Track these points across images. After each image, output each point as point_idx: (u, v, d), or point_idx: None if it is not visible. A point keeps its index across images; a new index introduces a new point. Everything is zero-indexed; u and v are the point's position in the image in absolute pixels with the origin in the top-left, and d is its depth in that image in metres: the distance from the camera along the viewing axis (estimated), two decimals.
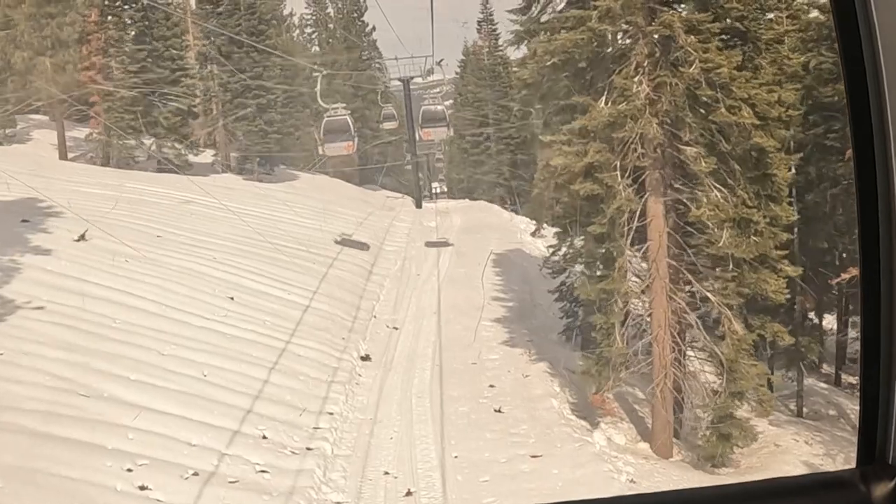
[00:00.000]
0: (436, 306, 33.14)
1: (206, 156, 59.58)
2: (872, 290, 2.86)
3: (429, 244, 44.75)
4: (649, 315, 24.41)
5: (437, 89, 55.23)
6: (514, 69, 67.20)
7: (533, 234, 36.78)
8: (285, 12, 68.03)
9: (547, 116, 26.56)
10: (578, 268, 32.49)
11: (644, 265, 24.97)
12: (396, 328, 31.92)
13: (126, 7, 51.80)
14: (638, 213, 23.13)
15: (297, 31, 70.10)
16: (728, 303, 23.16)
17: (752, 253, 22.70)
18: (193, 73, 54.78)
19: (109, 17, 51.00)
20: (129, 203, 36.76)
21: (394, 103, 59.39)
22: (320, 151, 39.45)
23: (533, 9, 29.28)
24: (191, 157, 53.70)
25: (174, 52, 52.27)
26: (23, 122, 58.06)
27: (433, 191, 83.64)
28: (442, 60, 56.63)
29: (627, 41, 23.05)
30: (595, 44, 23.32)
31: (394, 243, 42.81)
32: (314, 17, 67.68)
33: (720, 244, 22.37)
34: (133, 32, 51.57)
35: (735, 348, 23.07)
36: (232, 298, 29.28)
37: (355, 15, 66.79)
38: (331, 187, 55.50)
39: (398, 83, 60.86)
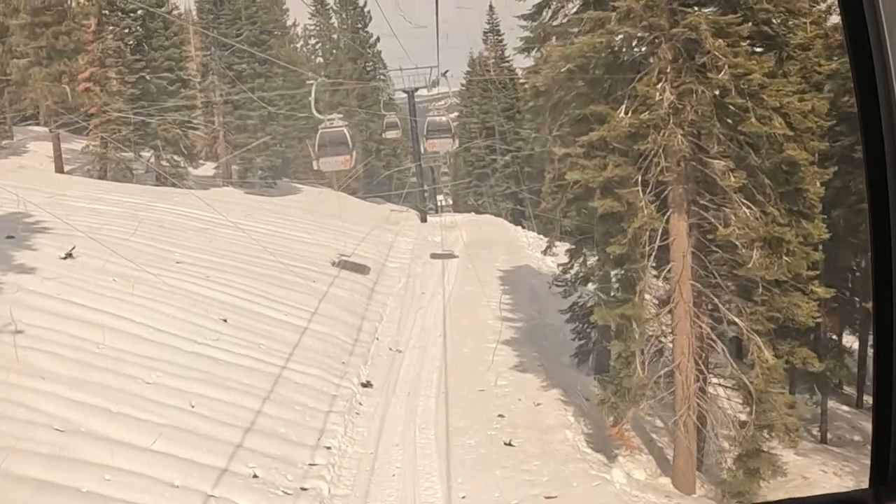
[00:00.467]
0: (441, 327, 31.15)
1: (207, 168, 57.78)
2: (886, 311, 2.68)
3: (434, 256, 43.66)
4: (671, 341, 22.34)
5: (443, 102, 53.43)
6: (522, 80, 65.62)
7: (544, 252, 34.78)
8: (288, 23, 66.39)
9: (560, 127, 24.44)
10: (591, 286, 30.64)
11: (665, 286, 22.87)
12: (400, 351, 29.95)
13: (124, 16, 49.85)
14: (660, 231, 21.08)
15: (301, 42, 68.30)
16: (757, 329, 21.12)
17: (783, 275, 20.61)
18: (193, 85, 52.92)
19: (107, 27, 49.05)
20: (120, 218, 34.86)
21: (397, 112, 57.37)
22: (315, 167, 35.96)
23: (544, 14, 27.39)
24: (190, 170, 51.87)
25: (173, 62, 50.28)
26: (21, 134, 56.31)
27: (438, 203, 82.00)
28: (447, 72, 54.97)
29: (649, 45, 20.94)
30: (614, 48, 21.34)
31: (398, 259, 40.86)
32: (318, 28, 65.85)
33: (750, 266, 20.31)
34: (131, 42, 49.61)
35: (765, 378, 21.02)
36: (225, 321, 27.32)
37: (359, 25, 64.93)
38: (334, 201, 53.50)
39: (403, 95, 58.90)
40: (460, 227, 52.74)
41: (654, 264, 21.97)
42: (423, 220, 54.85)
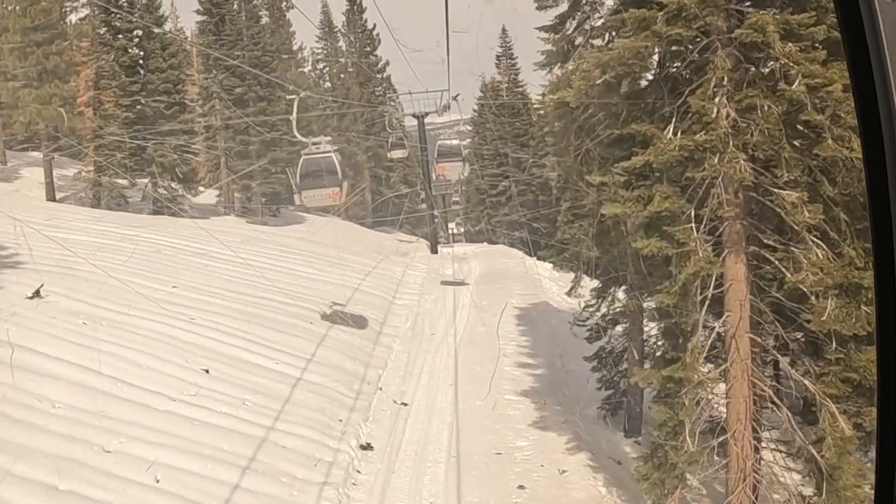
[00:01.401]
0: (452, 374, 27.25)
1: (209, 196, 54.09)
2: (890, 335, 2.60)
3: (445, 283, 41.13)
4: (725, 405, 18.35)
5: (454, 128, 49.86)
6: (536, 105, 61.99)
7: (569, 293, 30.77)
8: (295, 47, 62.86)
9: (588, 151, 20.48)
10: (620, 328, 26.81)
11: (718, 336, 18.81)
12: (405, 404, 25.93)
13: (119, 36, 46.29)
14: (714, 276, 17.09)
15: (309, 67, 64.73)
16: (830, 392, 17.09)
17: (861, 329, 16.55)
18: (192, 108, 49.33)
19: (100, 47, 45.49)
20: (104, 251, 31.06)
21: (403, 130, 53.54)
22: (296, 201, 30.07)
23: (567, 25, 23.61)
24: (189, 198, 48.24)
25: (170, 85, 46.69)
26: (16, 159, 52.95)
27: (450, 231, 78.54)
28: (458, 95, 51.45)
29: (703, 51, 16.94)
30: (661, 54, 17.42)
31: (406, 295, 36.98)
32: (325, 52, 62.27)
33: (823, 318, 16.27)
34: (126, 63, 46.02)
35: (838, 451, 17.00)
36: (207, 371, 23.43)
37: (368, 49, 61.35)
38: (340, 231, 49.72)
39: (413, 121, 55.28)
40: (472, 258, 48.98)
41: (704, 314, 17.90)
42: (434, 250, 51.01)
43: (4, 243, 29.10)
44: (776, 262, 16.97)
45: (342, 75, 60.75)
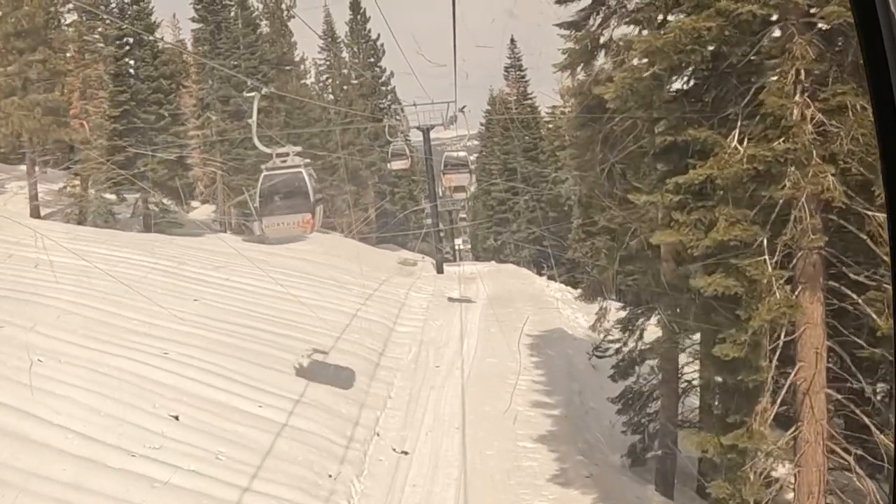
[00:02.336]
0: (459, 417, 23.56)
1: (205, 211, 50.49)
2: None
3: (451, 299, 38.84)
4: (795, 474, 14.64)
5: (461, 143, 46.38)
6: (547, 114, 58.59)
7: (594, 328, 27.02)
8: (297, 58, 59.32)
9: (628, 161, 16.85)
10: (651, 363, 23.19)
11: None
12: (406, 452, 22.21)
13: (107, 45, 42.77)
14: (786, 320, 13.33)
15: (312, 78, 61.09)
16: None
17: None
18: (185, 120, 45.78)
19: (87, 56, 41.99)
20: (77, 273, 27.49)
21: (405, 140, 49.77)
22: (256, 230, 23.02)
23: (591, 21, 19.99)
24: (182, 214, 44.66)
25: (161, 95, 43.15)
26: (3, 173, 49.47)
27: (456, 247, 74.88)
28: (465, 107, 47.69)
29: (777, 38, 13.23)
30: (724, 40, 13.61)
31: (408, 321, 33.26)
32: (328, 63, 58.71)
33: None
34: (114, 72, 42.50)
35: None
36: (177, 418, 19.78)
37: (372, 60, 57.77)
38: (341, 249, 46.12)
39: (420, 135, 51.63)
40: (480, 278, 45.27)
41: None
42: (440, 270, 47.30)
43: None
44: (862, 303, 13.23)
45: (345, 87, 57.21)
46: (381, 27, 60.03)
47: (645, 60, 13.81)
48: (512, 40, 59.06)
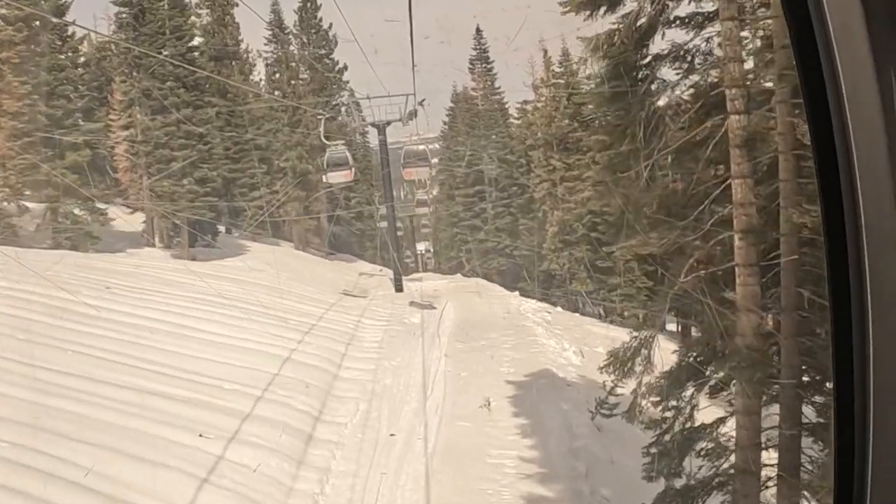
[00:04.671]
0: None
1: (135, 221, 41.87)
2: (843, 333, 2.37)
3: (413, 304, 35.14)
4: None
5: (422, 147, 38.87)
6: (516, 117, 50.52)
7: (609, 393, 18.86)
8: (241, 49, 50.77)
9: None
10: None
11: None
12: None
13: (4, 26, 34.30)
14: None
15: (260, 74, 52.46)
16: None
17: None
18: (100, 117, 37.33)
19: None
20: None
21: (347, 142, 41.23)
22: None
23: None
24: (98, 227, 36.20)
25: (70, 87, 34.66)
26: None
27: (419, 253, 67.02)
28: (424, 100, 40.08)
29: None
30: None
31: (357, 363, 25.10)
32: (275, 56, 50.14)
33: None
34: (15, 60, 33.99)
35: None
36: None
37: (323, 52, 49.31)
38: (287, 264, 37.87)
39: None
40: (445, 296, 37.27)
41: None
42: (399, 288, 39.09)
43: None
44: None
45: (293, 81, 48.84)
46: (334, 15, 51.57)
47: None
48: (477, 30, 50.82)
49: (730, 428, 14.13)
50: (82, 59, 37.70)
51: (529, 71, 45.58)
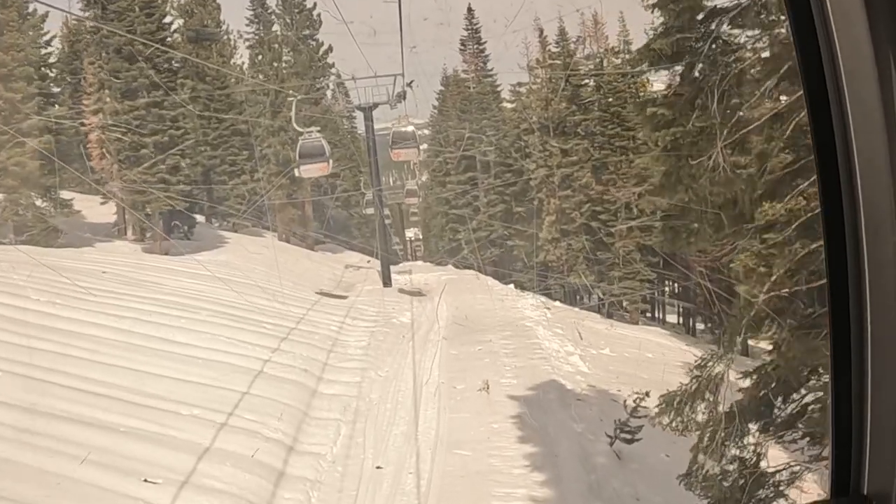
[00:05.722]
0: None
1: (107, 212, 38.31)
2: (841, 317, 2.40)
3: (402, 291, 34.28)
4: None
5: (410, 128, 35.60)
6: (510, 99, 47.10)
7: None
8: (220, 31, 47.12)
9: None
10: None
11: None
12: None
13: None
14: None
15: (244, 57, 48.76)
16: None
17: None
18: (64, 100, 33.83)
19: None
20: None
21: (319, 128, 37.45)
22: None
23: None
24: (63, 218, 32.77)
25: (31, 68, 31.12)
26: None
27: (408, 239, 63.92)
28: (412, 82, 37.00)
29: None
30: None
31: (340, 374, 21.71)
32: (257, 37, 46.45)
33: None
34: None
35: None
36: None
37: (307, 33, 45.68)
38: (267, 257, 34.45)
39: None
40: (435, 291, 33.96)
41: None
42: (387, 282, 35.67)
43: None
44: None
45: (275, 64, 45.23)
46: None
47: None
48: (469, 9, 47.22)
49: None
50: (47, 38, 34.02)
51: (524, 52, 42.22)
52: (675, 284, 41.25)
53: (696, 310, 41.21)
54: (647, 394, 17.08)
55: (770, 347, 10.58)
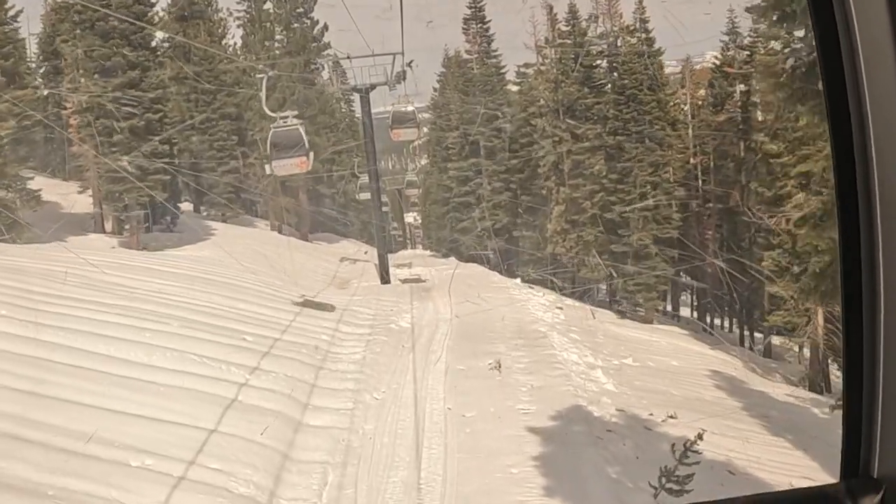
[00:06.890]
0: None
1: (84, 203, 34.71)
2: (854, 299, 2.35)
3: (404, 281, 32.47)
4: None
5: (409, 108, 32.45)
6: (516, 81, 43.43)
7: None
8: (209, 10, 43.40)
9: None
10: None
11: None
12: None
13: None
14: None
15: (235, 38, 45.02)
16: None
17: None
18: (33, 82, 30.19)
19: None
20: None
21: (301, 113, 33.65)
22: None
23: None
24: (28, 212, 29.20)
25: None
26: None
27: (407, 225, 60.75)
28: (412, 62, 33.90)
29: None
30: None
31: (330, 400, 18.09)
32: (249, 15, 42.66)
33: None
34: None
35: None
36: None
37: (301, 10, 41.92)
38: (255, 251, 30.92)
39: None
40: (437, 289, 30.48)
41: None
42: (386, 278, 32.08)
43: None
44: None
45: (266, 43, 41.48)
46: None
47: None
48: None
49: None
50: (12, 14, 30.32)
51: (531, 31, 38.60)
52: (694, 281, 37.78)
53: (711, 305, 37.97)
54: (699, 436, 13.65)
55: None
